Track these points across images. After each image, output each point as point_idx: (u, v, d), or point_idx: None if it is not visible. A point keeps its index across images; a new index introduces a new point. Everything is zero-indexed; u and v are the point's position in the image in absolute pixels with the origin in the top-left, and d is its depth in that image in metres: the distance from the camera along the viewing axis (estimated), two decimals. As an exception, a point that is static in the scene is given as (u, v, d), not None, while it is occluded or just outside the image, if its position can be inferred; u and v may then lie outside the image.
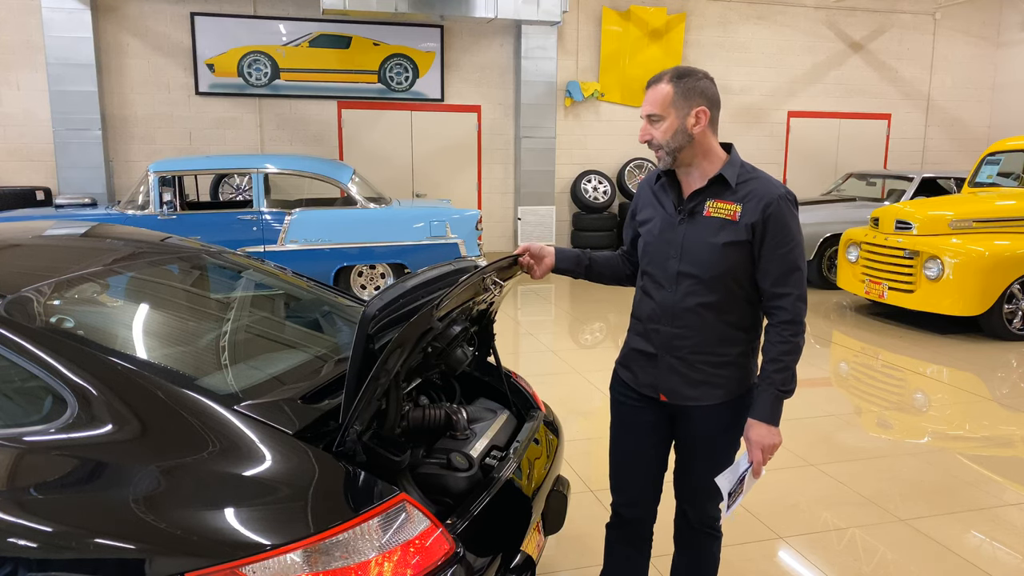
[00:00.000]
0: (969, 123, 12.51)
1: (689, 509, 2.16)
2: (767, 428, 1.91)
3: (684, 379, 1.99)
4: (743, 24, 11.12)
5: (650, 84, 1.96)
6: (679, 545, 2.26)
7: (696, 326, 1.95)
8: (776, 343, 1.90)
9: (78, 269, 2.17)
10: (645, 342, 2.04)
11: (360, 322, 1.70)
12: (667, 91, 1.90)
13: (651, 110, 1.92)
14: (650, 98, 1.93)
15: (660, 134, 1.92)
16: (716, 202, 1.92)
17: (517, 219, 10.54)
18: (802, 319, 1.90)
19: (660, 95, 1.91)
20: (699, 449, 2.05)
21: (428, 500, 1.83)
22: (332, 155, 10.02)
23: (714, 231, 1.91)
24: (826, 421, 4.44)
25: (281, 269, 2.90)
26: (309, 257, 7.05)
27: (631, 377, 2.10)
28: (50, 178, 9.17)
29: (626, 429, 2.13)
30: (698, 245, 1.92)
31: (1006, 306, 6.27)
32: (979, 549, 3.01)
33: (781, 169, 11.74)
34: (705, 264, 1.92)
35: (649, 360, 2.04)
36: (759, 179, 1.93)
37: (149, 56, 9.29)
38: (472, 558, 1.70)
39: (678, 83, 1.90)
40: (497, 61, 10.34)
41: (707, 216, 1.93)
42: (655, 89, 1.93)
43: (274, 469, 1.62)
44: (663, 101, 1.90)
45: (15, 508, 1.54)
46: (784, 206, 1.88)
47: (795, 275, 1.89)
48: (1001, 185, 7.23)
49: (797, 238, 1.89)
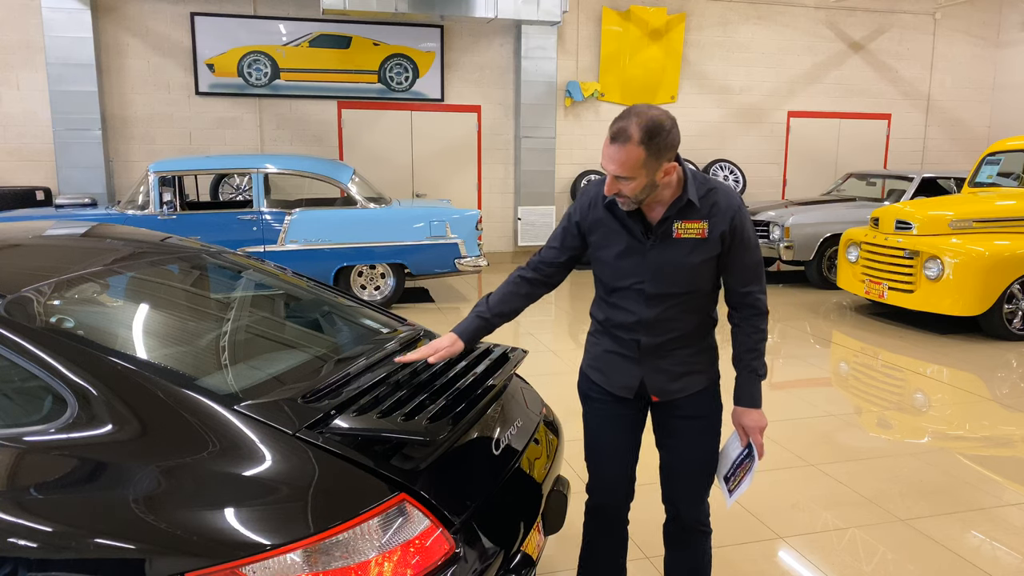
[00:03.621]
0: (969, 123, 12.51)
1: (682, 507, 2.20)
2: (757, 412, 2.08)
3: (669, 375, 2.08)
4: (743, 24, 11.12)
5: (616, 139, 1.80)
6: (672, 546, 2.29)
7: (678, 329, 2.05)
8: (750, 334, 2.05)
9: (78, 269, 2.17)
10: (621, 347, 2.09)
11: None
12: (638, 155, 1.79)
13: (619, 172, 1.82)
14: (618, 158, 1.80)
15: (630, 191, 1.86)
16: (684, 223, 1.95)
17: (517, 219, 10.54)
18: (767, 309, 2.07)
19: (631, 159, 1.79)
20: (687, 436, 2.13)
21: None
22: (332, 155, 10.02)
23: (687, 252, 1.96)
24: (826, 421, 4.44)
25: (281, 269, 2.90)
26: (309, 257, 7.05)
27: (603, 379, 2.15)
28: (50, 178, 9.18)
29: (602, 424, 2.18)
30: (672, 268, 1.98)
31: (1006, 306, 6.27)
32: (979, 549, 3.01)
33: (781, 169, 11.74)
34: (681, 283, 1.99)
35: (626, 362, 2.09)
36: (717, 190, 1.98)
37: (149, 56, 9.29)
38: (472, 558, 1.70)
39: (649, 144, 1.79)
40: (497, 61, 10.34)
41: (677, 238, 1.96)
42: (624, 150, 1.79)
43: (274, 469, 1.62)
44: (634, 165, 1.80)
45: (15, 508, 1.54)
46: (745, 213, 1.99)
47: (759, 271, 2.04)
48: (1001, 185, 7.23)
49: (756, 238, 2.03)
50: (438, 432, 1.73)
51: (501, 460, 2.04)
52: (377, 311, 2.76)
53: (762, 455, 2.11)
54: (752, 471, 2.10)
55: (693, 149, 11.23)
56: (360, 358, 2.19)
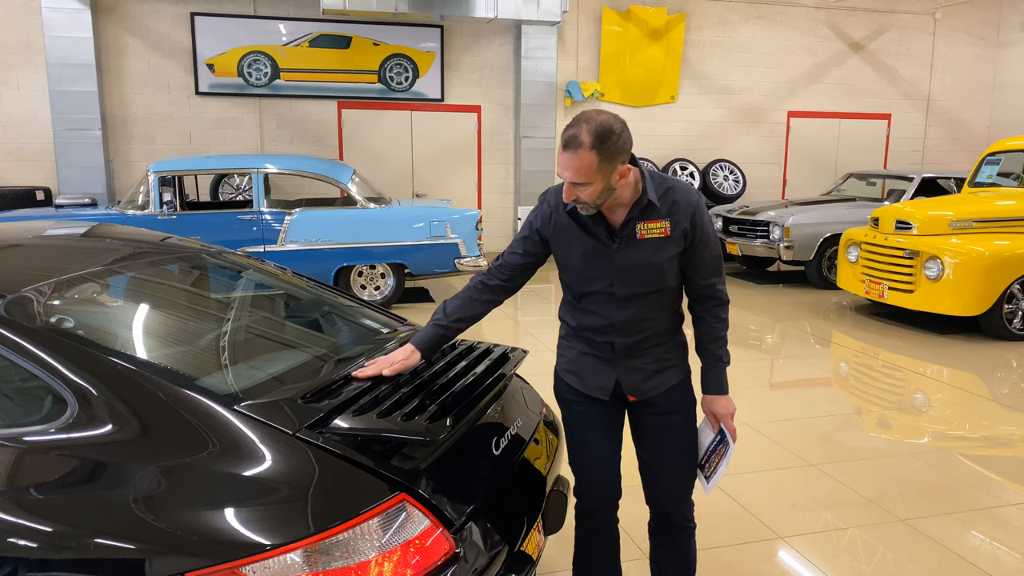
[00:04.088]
0: (969, 123, 12.51)
1: (668, 505, 2.22)
2: (726, 398, 2.16)
3: (644, 374, 2.11)
4: (743, 24, 11.12)
5: (568, 146, 1.83)
6: (660, 545, 2.31)
7: (650, 328, 2.09)
8: (713, 324, 2.13)
9: (78, 269, 2.17)
10: (595, 350, 2.13)
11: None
12: (591, 160, 1.82)
13: (575, 178, 1.85)
14: (572, 165, 1.83)
15: (587, 196, 1.89)
16: (646, 223, 1.98)
17: (517, 219, 10.55)
18: (728, 298, 2.15)
19: (584, 164, 1.82)
20: (666, 432, 2.17)
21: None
22: (332, 155, 10.02)
23: (651, 252, 1.99)
24: (826, 421, 4.44)
25: (281, 269, 2.90)
26: (309, 257, 7.05)
27: (578, 382, 2.17)
28: (50, 178, 9.18)
29: (584, 427, 2.20)
30: (637, 269, 2.00)
31: (1006, 306, 6.27)
32: (979, 549, 3.01)
33: (781, 169, 11.75)
34: (650, 282, 2.02)
35: (601, 364, 2.12)
36: (675, 189, 2.01)
37: (149, 56, 9.30)
38: (472, 558, 1.70)
39: (601, 148, 1.81)
40: (497, 61, 10.35)
41: (641, 239, 1.99)
42: (577, 156, 1.82)
43: (274, 469, 1.62)
44: (588, 170, 1.83)
45: (15, 508, 1.54)
46: (703, 209, 2.03)
47: (719, 263, 2.10)
48: (1001, 185, 7.23)
49: (715, 232, 2.08)
50: (438, 432, 1.72)
51: (501, 460, 2.04)
52: (377, 311, 2.76)
53: (736, 438, 2.18)
54: (727, 456, 2.17)
55: (693, 149, 11.23)
56: (360, 358, 2.19)
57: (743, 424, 4.37)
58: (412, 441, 1.72)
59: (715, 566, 2.88)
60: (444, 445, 1.83)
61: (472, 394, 1.97)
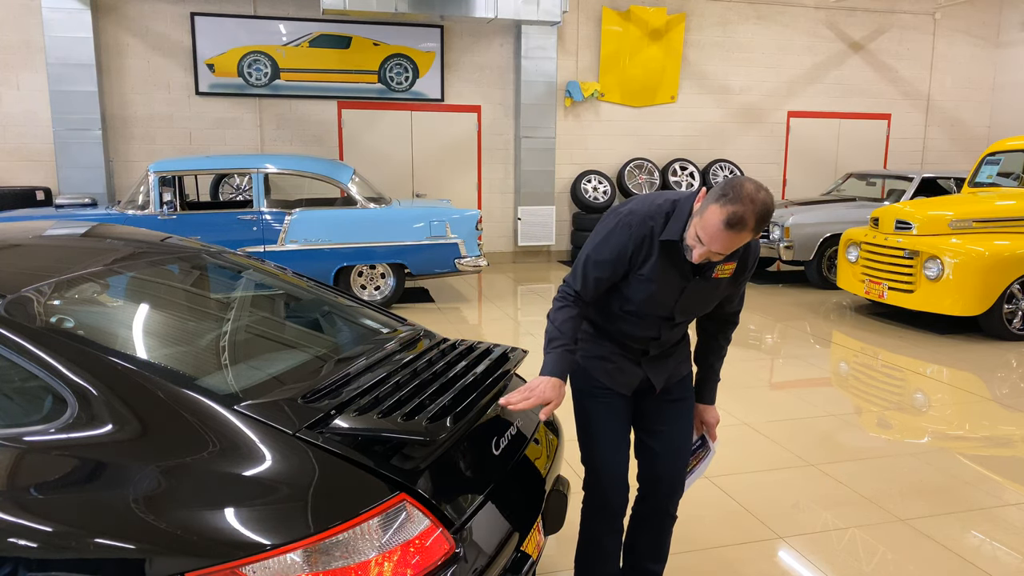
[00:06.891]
0: (969, 123, 12.51)
1: (666, 493, 2.28)
2: (715, 408, 2.39)
3: (667, 369, 2.27)
4: (743, 24, 11.12)
5: (733, 227, 1.80)
6: (642, 528, 2.36)
7: (679, 334, 2.26)
8: (723, 344, 2.31)
9: (78, 269, 2.17)
10: (626, 352, 2.21)
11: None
12: (748, 238, 1.85)
13: (727, 252, 1.89)
14: (732, 245, 1.85)
15: (718, 257, 1.93)
16: (724, 265, 2.07)
17: (517, 219, 10.54)
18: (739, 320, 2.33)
19: (742, 242, 1.86)
20: (677, 418, 2.28)
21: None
22: (332, 155, 10.02)
23: (716, 287, 2.12)
24: (826, 421, 4.44)
25: (281, 269, 2.90)
26: (309, 257, 7.05)
27: (607, 378, 2.23)
28: (50, 178, 9.18)
29: (609, 420, 2.24)
30: (700, 300, 2.13)
31: (1006, 306, 6.27)
32: (979, 549, 3.01)
33: (781, 169, 11.75)
34: (703, 310, 2.18)
35: (631, 364, 2.22)
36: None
37: (149, 56, 9.30)
38: (472, 558, 1.70)
39: (759, 228, 1.84)
40: (497, 61, 10.34)
41: (715, 277, 2.09)
42: (739, 237, 1.83)
43: (274, 469, 1.62)
44: (741, 244, 1.88)
45: (15, 508, 1.54)
46: (759, 250, 2.21)
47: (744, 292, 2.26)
48: (1001, 185, 7.24)
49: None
50: (438, 432, 1.72)
51: (501, 460, 2.04)
52: (377, 311, 2.76)
53: (715, 439, 2.41)
54: (707, 460, 2.35)
55: (693, 149, 11.23)
56: (360, 358, 2.19)
57: (743, 424, 4.37)
58: (412, 441, 1.72)
59: (715, 566, 2.88)
60: (444, 445, 1.83)
61: (472, 394, 1.97)
